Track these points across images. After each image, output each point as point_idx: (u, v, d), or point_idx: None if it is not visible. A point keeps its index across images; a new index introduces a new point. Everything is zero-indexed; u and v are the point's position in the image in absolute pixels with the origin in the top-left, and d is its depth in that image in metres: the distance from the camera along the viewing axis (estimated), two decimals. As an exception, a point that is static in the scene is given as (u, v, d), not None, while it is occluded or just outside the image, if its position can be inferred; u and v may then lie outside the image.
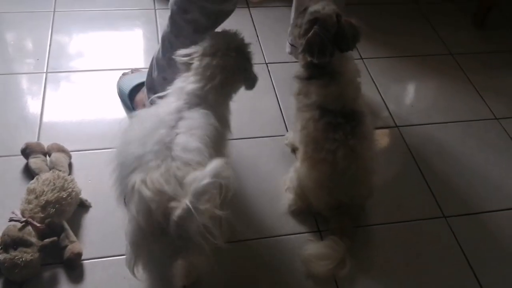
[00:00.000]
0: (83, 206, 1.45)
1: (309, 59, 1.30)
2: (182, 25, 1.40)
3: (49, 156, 1.52)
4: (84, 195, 1.45)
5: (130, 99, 1.73)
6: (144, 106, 1.62)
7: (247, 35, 1.31)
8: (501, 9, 2.32)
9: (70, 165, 1.53)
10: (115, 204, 1.43)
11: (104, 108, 1.75)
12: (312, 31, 1.27)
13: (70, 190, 1.38)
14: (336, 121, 1.31)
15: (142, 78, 1.67)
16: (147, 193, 0.97)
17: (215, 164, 0.92)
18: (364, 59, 2.05)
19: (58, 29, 2.04)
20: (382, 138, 1.80)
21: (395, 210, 1.55)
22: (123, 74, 1.83)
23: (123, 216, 1.40)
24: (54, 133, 1.63)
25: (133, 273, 1.10)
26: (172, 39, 1.45)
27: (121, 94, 1.78)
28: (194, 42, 1.28)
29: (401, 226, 1.50)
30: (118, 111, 1.75)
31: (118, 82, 1.81)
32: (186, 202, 0.92)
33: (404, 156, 1.71)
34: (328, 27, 1.28)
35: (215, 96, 1.20)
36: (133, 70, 1.83)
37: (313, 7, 1.31)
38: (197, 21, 1.37)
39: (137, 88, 1.71)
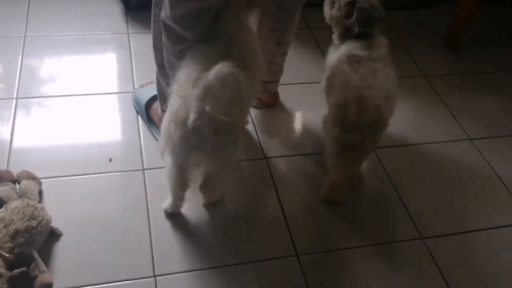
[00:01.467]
0: (54, 235, 1.40)
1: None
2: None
3: (19, 183, 1.47)
4: (54, 223, 1.40)
5: (147, 110, 1.74)
6: (159, 116, 1.66)
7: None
8: (473, 31, 2.38)
9: (40, 193, 1.49)
10: (87, 232, 1.42)
11: (76, 134, 1.71)
12: (359, 7, 1.53)
13: (40, 218, 1.34)
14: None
15: None
16: (179, 93, 1.23)
17: (218, 66, 1.13)
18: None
19: (29, 54, 2.00)
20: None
21: (373, 231, 1.54)
22: (140, 86, 1.84)
23: (94, 243, 1.38)
24: (24, 160, 1.59)
25: (162, 156, 1.40)
26: (168, 44, 1.45)
27: (137, 105, 1.79)
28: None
29: (378, 248, 1.49)
30: (89, 136, 1.71)
31: (134, 93, 1.83)
32: (192, 100, 1.15)
33: (381, 178, 1.71)
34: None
35: None
36: (149, 82, 1.83)
37: None
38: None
39: (153, 99, 1.73)
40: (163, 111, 1.58)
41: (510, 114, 2.05)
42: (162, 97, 1.61)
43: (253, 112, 1.88)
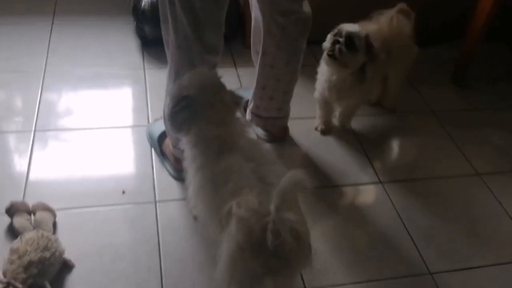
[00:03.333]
0: (67, 266, 1.43)
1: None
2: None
3: (34, 215, 1.51)
4: (67, 255, 1.43)
5: (160, 144, 1.79)
6: (170, 151, 1.72)
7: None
8: (479, 68, 2.42)
9: (54, 224, 1.53)
10: (99, 263, 1.44)
11: (91, 166, 1.76)
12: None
13: (53, 250, 1.37)
14: None
15: None
16: (242, 214, 1.07)
17: (290, 173, 1.05)
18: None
19: (48, 88, 2.08)
20: (367, 194, 1.83)
21: (383, 267, 1.54)
22: (154, 120, 1.91)
23: (105, 274, 1.40)
24: (40, 191, 1.64)
25: None
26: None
27: (151, 139, 1.84)
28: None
29: (387, 283, 1.50)
30: (104, 169, 1.76)
31: (148, 127, 1.89)
32: (271, 207, 1.02)
33: (389, 212, 1.73)
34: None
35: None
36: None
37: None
38: None
39: (165, 133, 1.78)
40: (174, 146, 1.64)
41: (517, 150, 2.07)
42: (169, 132, 1.68)
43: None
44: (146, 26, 2.29)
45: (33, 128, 1.87)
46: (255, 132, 1.95)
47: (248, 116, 1.92)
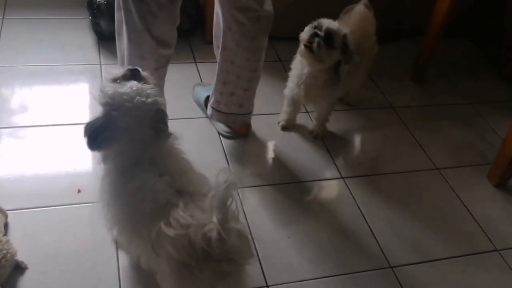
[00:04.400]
0: (19, 268, 1.37)
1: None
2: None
3: (-16, 216, 1.44)
4: (20, 257, 1.37)
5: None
6: None
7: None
8: (436, 66, 2.46)
9: (6, 225, 1.46)
10: (53, 265, 1.39)
11: (44, 165, 1.69)
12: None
13: (4, 252, 1.31)
14: None
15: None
16: (176, 232, 1.04)
17: (220, 176, 0.99)
18: (309, 113, 2.10)
19: (0, 84, 1.99)
20: (329, 190, 1.83)
21: (345, 262, 1.54)
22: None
23: (60, 276, 1.35)
24: (-10, 191, 1.56)
25: None
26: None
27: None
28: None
29: (349, 278, 1.50)
30: (58, 167, 1.70)
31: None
32: (213, 220, 0.99)
33: (351, 207, 1.73)
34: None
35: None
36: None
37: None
38: None
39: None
40: None
41: (474, 144, 2.11)
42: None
43: (225, 142, 1.89)
44: (102, 21, 2.22)
45: (-17, 126, 1.80)
46: (216, 128, 1.93)
47: (208, 111, 1.89)
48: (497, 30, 2.59)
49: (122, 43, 1.58)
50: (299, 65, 1.83)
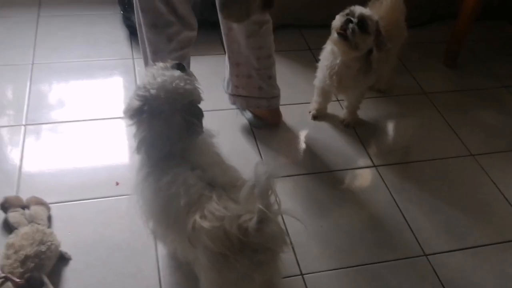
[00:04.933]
0: (63, 259, 1.43)
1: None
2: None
3: (28, 209, 1.50)
4: (63, 248, 1.43)
5: None
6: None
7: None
8: (470, 49, 2.41)
9: (49, 218, 1.52)
10: (95, 255, 1.44)
11: (83, 159, 1.75)
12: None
13: (49, 243, 1.37)
14: None
15: None
16: (212, 224, 1.06)
17: (259, 167, 1.00)
18: (339, 101, 2.10)
19: (37, 80, 2.06)
20: (361, 178, 1.83)
21: (378, 250, 1.55)
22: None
23: (101, 266, 1.40)
24: (33, 185, 1.63)
25: None
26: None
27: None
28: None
29: (383, 267, 1.51)
30: (97, 161, 1.75)
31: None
32: (259, 206, 1.00)
33: (384, 195, 1.73)
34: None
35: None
36: None
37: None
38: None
39: None
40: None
41: (510, 129, 2.07)
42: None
43: (257, 133, 1.91)
44: (133, 15, 2.25)
45: (24, 122, 1.86)
46: (247, 118, 1.94)
47: (230, 100, 1.91)
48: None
49: (143, 40, 1.61)
50: (330, 56, 1.82)
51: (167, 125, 1.18)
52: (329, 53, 1.82)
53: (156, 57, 1.59)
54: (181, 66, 1.24)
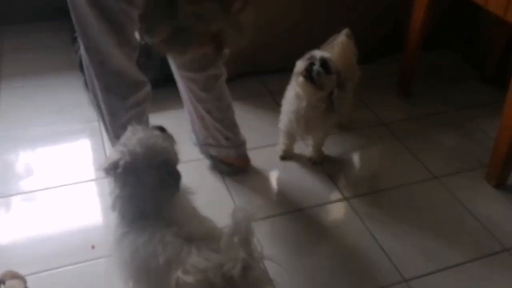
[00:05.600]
0: (44, 331, 1.40)
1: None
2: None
3: (4, 284, 1.47)
4: (44, 319, 1.40)
5: None
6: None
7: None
8: (420, 78, 2.53)
9: (26, 290, 1.49)
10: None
11: (56, 225, 1.74)
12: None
13: (28, 316, 1.34)
14: None
15: None
16: (195, 277, 1.08)
17: (236, 213, 1.05)
18: (304, 141, 2.16)
19: (3, 153, 2.05)
20: (334, 212, 1.87)
21: (359, 281, 1.57)
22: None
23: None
24: (7, 259, 1.60)
25: None
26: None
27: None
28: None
29: (366, 297, 1.53)
30: (70, 226, 1.74)
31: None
32: (241, 255, 1.04)
33: (358, 226, 1.77)
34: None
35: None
36: None
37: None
38: None
39: None
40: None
41: (467, 148, 2.17)
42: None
43: (227, 180, 1.94)
44: (96, 79, 2.30)
45: (-7, 196, 1.85)
46: (216, 167, 1.98)
47: (201, 150, 1.96)
48: (474, 37, 2.68)
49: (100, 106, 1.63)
50: (294, 101, 1.87)
51: (140, 183, 1.20)
52: (293, 98, 1.88)
53: (113, 118, 1.60)
54: (161, 128, 1.29)
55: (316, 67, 1.76)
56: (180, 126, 2.12)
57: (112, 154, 1.22)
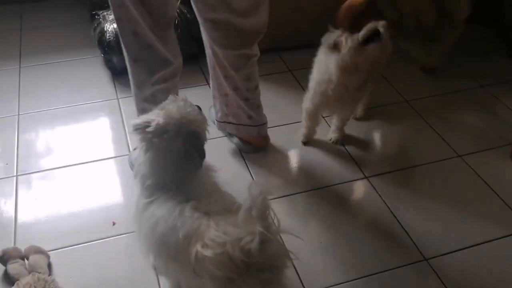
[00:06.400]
0: (67, 306, 1.42)
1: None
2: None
3: (27, 259, 1.50)
4: (66, 294, 1.43)
5: None
6: None
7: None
8: (445, 53, 2.47)
9: (49, 266, 1.52)
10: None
11: (78, 202, 1.76)
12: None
13: (51, 291, 1.37)
14: None
15: None
16: (214, 251, 1.08)
17: (253, 189, 1.02)
18: (325, 118, 2.13)
19: (24, 131, 2.07)
20: (354, 191, 1.85)
21: (379, 260, 1.56)
22: (134, 149, 1.90)
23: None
24: (30, 235, 1.63)
25: None
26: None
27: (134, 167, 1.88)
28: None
29: (385, 276, 1.52)
30: (91, 203, 1.76)
31: (130, 156, 1.90)
32: (259, 228, 1.02)
33: (378, 205, 1.75)
34: None
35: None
36: None
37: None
38: None
39: None
40: None
41: (492, 126, 2.12)
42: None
43: (247, 157, 1.93)
44: (114, 57, 2.30)
45: (15, 173, 1.86)
46: (235, 145, 1.97)
47: (218, 127, 1.95)
48: (500, 12, 2.59)
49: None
50: (327, 71, 1.76)
51: (166, 148, 1.21)
52: (326, 68, 1.75)
53: (139, 90, 1.63)
54: (198, 107, 1.30)
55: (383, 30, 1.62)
56: (199, 104, 2.14)
57: (148, 115, 1.22)
